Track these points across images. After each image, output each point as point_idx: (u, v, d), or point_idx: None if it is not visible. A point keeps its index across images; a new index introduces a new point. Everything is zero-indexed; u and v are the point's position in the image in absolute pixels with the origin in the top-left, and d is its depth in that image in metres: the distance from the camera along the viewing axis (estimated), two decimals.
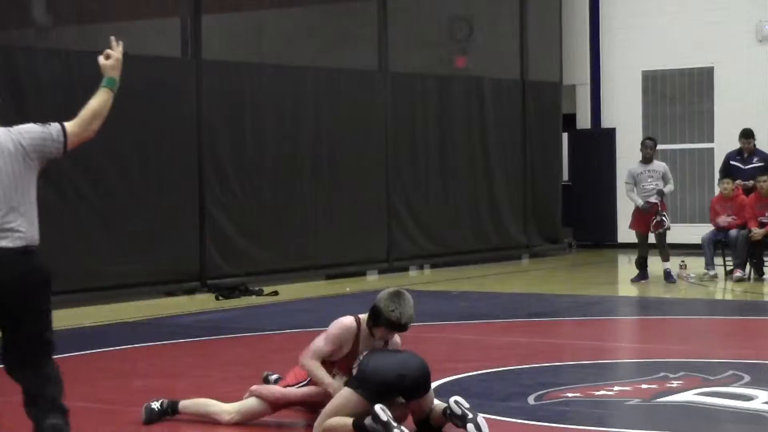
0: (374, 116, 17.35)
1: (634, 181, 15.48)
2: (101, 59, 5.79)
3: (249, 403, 7.01)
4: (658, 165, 15.55)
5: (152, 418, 7.12)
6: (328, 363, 6.89)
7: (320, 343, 6.84)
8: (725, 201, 15.64)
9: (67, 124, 5.66)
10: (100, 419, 7.35)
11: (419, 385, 6.63)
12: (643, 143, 15.79)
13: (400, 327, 6.76)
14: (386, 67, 17.54)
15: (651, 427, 7.01)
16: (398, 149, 17.69)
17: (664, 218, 15.28)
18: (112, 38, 5.83)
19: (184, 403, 7.20)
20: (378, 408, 6.31)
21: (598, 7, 21.05)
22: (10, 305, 5.39)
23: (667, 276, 15.33)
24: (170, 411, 7.17)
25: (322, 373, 6.80)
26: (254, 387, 7.07)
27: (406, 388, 6.58)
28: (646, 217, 15.32)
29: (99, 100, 5.74)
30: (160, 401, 7.19)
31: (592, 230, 21.39)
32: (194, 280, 15.03)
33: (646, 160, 15.52)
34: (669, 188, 15.50)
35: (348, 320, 6.85)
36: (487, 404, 7.39)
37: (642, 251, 15.55)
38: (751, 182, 15.68)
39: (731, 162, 16.24)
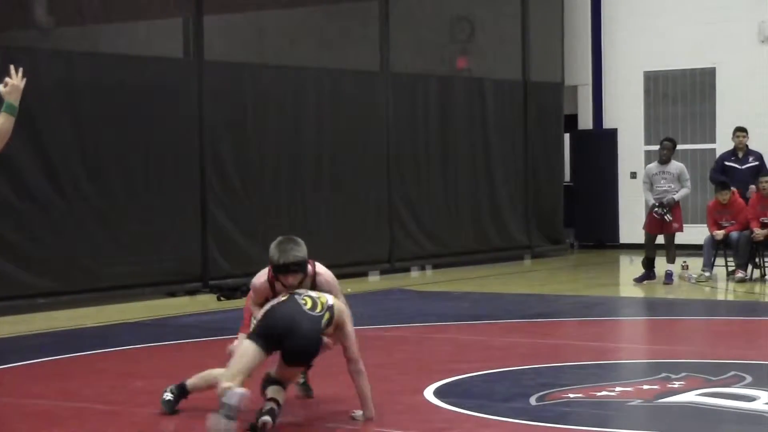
0: (375, 117, 17.35)
1: (650, 181, 15.40)
2: (0, 87, 6.09)
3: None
4: (674, 167, 15.37)
5: (173, 408, 7.27)
6: None
7: (252, 294, 7.32)
8: (723, 207, 15.60)
9: None
10: (102, 420, 7.35)
11: (303, 352, 6.80)
12: (661, 144, 15.68)
13: (280, 267, 6.99)
14: (387, 67, 17.54)
15: (653, 427, 7.01)
16: (400, 150, 17.68)
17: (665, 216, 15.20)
18: (12, 67, 6.14)
19: (191, 382, 7.34)
20: (237, 391, 6.44)
21: (600, 8, 21.04)
22: None
23: (667, 277, 15.30)
24: (181, 394, 7.31)
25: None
26: (232, 345, 7.24)
27: (291, 349, 6.74)
28: (658, 219, 15.27)
29: None
30: (169, 390, 7.31)
31: (593, 231, 21.40)
32: (196, 280, 15.03)
33: (663, 161, 15.41)
34: (682, 193, 15.32)
35: (260, 276, 7.23)
36: (489, 405, 7.39)
37: (649, 252, 15.51)
38: (753, 187, 15.62)
39: (726, 163, 16.22)
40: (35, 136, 13.41)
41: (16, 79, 6.09)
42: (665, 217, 15.17)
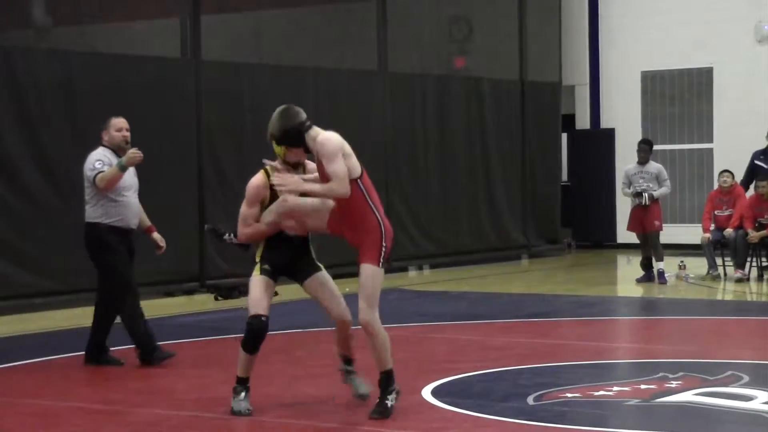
0: (373, 116, 17.35)
1: (629, 181, 15.51)
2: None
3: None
4: (653, 167, 15.50)
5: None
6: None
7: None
8: (723, 195, 15.70)
9: None
10: (100, 420, 7.36)
11: None
12: (638, 146, 15.79)
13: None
14: (385, 67, 17.54)
15: (650, 427, 7.02)
16: (397, 149, 17.69)
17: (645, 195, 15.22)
18: None
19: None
20: None
21: (598, 8, 21.06)
22: None
23: (660, 276, 15.32)
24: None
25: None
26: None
27: None
28: (640, 216, 15.32)
29: None
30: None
31: (591, 230, 21.40)
32: (194, 280, 15.02)
33: (641, 162, 15.52)
34: (661, 192, 15.41)
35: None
36: (487, 404, 7.40)
37: (645, 252, 15.55)
38: None
39: (756, 162, 16.27)
40: (33, 135, 13.41)
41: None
42: (644, 195, 15.13)
